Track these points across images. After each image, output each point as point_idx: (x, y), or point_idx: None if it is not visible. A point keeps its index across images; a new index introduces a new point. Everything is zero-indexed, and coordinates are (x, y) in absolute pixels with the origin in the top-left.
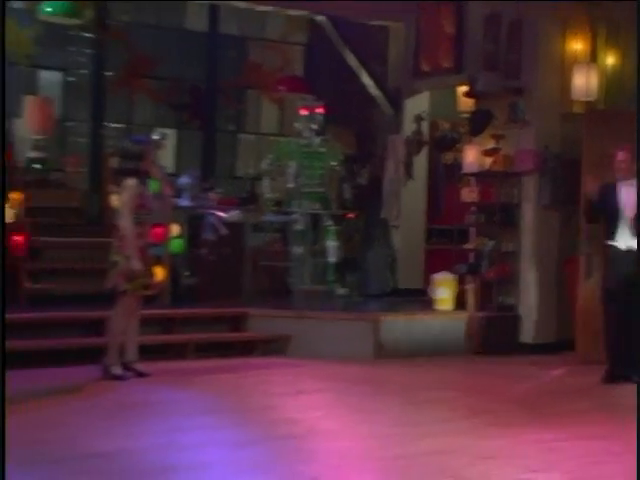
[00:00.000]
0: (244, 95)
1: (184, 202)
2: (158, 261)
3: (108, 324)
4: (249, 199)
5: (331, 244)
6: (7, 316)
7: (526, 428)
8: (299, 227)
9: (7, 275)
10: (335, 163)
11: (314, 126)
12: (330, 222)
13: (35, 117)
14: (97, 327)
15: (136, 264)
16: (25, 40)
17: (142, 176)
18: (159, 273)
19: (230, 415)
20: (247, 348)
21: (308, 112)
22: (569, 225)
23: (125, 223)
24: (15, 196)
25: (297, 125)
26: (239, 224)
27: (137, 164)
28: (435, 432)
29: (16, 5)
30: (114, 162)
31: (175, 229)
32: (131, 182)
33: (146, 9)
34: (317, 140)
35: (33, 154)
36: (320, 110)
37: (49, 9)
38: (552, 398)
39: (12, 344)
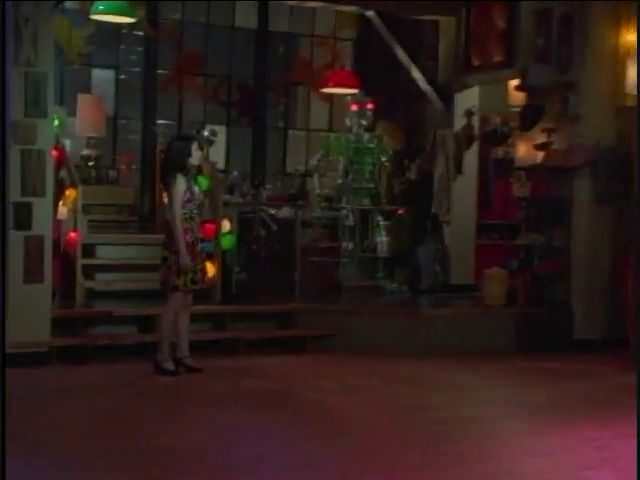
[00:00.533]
0: (293, 91)
1: (234, 198)
2: (208, 257)
3: (159, 320)
4: (299, 195)
5: (381, 240)
6: (63, 311)
7: (582, 425)
8: (349, 223)
9: (63, 272)
10: (385, 158)
11: (364, 122)
12: (380, 218)
13: (88, 115)
14: (149, 323)
15: (185, 259)
16: (78, 39)
17: (190, 172)
18: (209, 269)
19: (283, 411)
20: (298, 344)
21: (358, 108)
22: (622, 221)
23: (173, 219)
24: (69, 193)
25: (347, 121)
26: (289, 220)
27: (184, 160)
28: (494, 428)
29: (69, 5)
30: (163, 159)
31: (226, 225)
32: (179, 178)
33: (196, 7)
34: (367, 136)
35: (86, 152)
36: (370, 105)
37: (102, 8)
38: (606, 395)
39: (66, 340)
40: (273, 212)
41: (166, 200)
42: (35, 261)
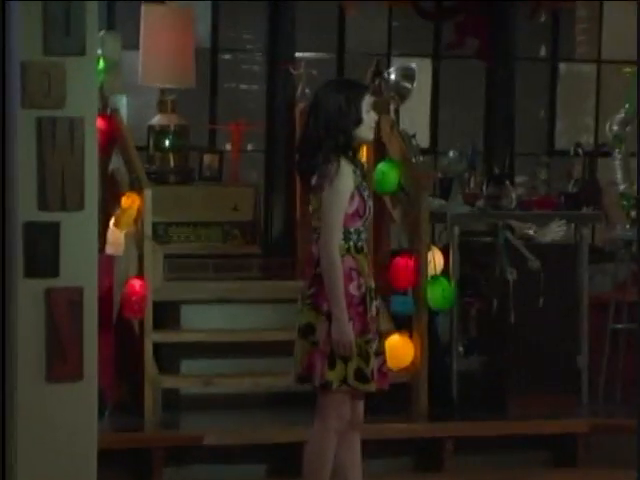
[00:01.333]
0: None
1: (452, 206)
2: (398, 327)
3: (306, 449)
4: (584, 197)
5: None
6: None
7: None
8: None
9: (119, 358)
10: None
11: None
12: None
13: (163, 47)
14: (283, 457)
15: (347, 331)
16: None
17: (359, 157)
18: (402, 350)
19: None
20: None
21: None
22: None
23: (327, 249)
24: (128, 203)
25: None
26: (565, 248)
27: (350, 132)
28: None
29: None
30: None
31: (436, 259)
32: (344, 167)
33: None
34: None
35: (159, 120)
36: None
37: None
38: None
39: None
40: (532, 231)
41: (313, 212)
42: (66, 338)
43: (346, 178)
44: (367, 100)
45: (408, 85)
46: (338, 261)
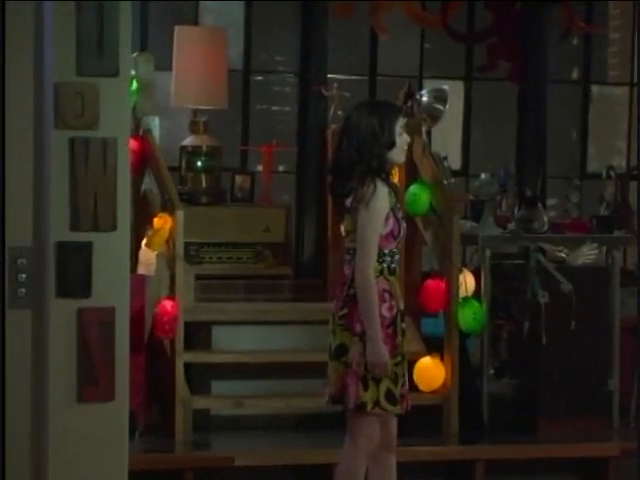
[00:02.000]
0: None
1: (484, 228)
2: (431, 347)
3: (336, 470)
4: (614, 220)
5: None
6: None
7: None
8: None
9: (150, 378)
10: None
11: None
12: None
13: (196, 69)
14: (315, 476)
15: (382, 353)
16: None
17: (393, 178)
18: (433, 372)
19: None
20: None
21: None
22: None
23: (363, 271)
24: (160, 223)
25: None
26: (598, 270)
27: (383, 154)
28: None
29: None
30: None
31: (467, 282)
32: (380, 189)
33: None
34: None
35: (192, 142)
36: None
37: None
38: None
39: None
40: (564, 254)
41: (346, 233)
42: (98, 358)
43: (382, 200)
44: (400, 122)
45: (440, 107)
46: (373, 283)
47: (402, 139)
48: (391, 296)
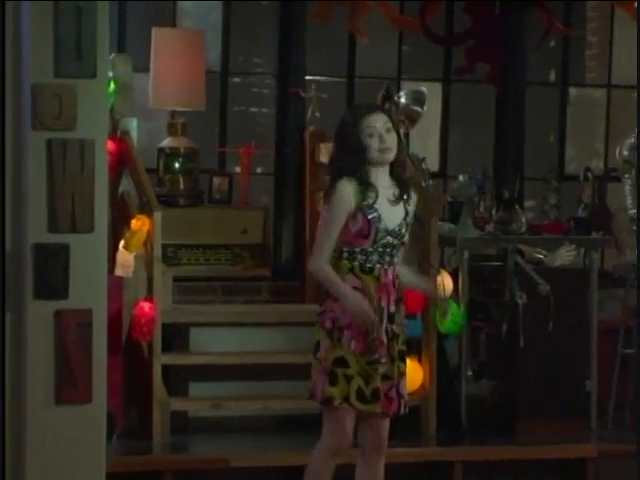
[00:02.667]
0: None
1: (463, 230)
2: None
3: (306, 468)
4: (592, 222)
5: None
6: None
7: None
8: None
9: (128, 380)
10: None
11: None
12: None
13: (173, 70)
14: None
15: (356, 302)
16: None
17: (368, 176)
18: (411, 374)
19: None
20: None
21: None
22: None
23: (314, 260)
24: (138, 225)
25: None
26: (575, 273)
27: (355, 153)
28: None
29: None
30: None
31: (446, 283)
32: (343, 186)
33: None
34: None
35: (169, 143)
36: None
37: None
38: None
39: None
40: (542, 255)
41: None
42: (75, 360)
43: (341, 198)
44: (371, 123)
45: (418, 109)
46: (324, 268)
47: (375, 140)
48: (363, 294)
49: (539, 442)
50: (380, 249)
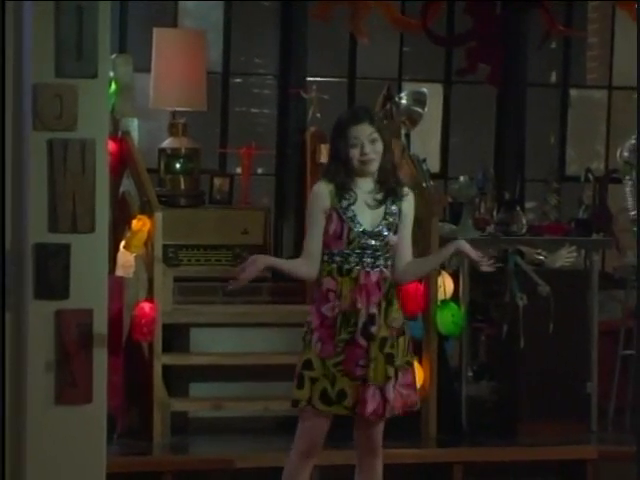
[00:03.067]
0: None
1: (463, 231)
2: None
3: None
4: (593, 222)
5: None
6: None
7: None
8: None
9: (129, 381)
10: None
11: None
12: None
13: (175, 71)
14: None
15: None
16: None
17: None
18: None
19: None
20: None
21: None
22: None
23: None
24: (139, 226)
25: None
26: (575, 274)
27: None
28: None
29: None
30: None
31: (446, 284)
32: (320, 188)
33: None
34: None
35: (170, 144)
36: None
37: None
38: None
39: None
40: (542, 257)
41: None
42: (76, 360)
43: (316, 197)
44: (355, 134)
45: (419, 109)
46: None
47: (355, 150)
48: (337, 297)
49: (539, 443)
50: (358, 250)
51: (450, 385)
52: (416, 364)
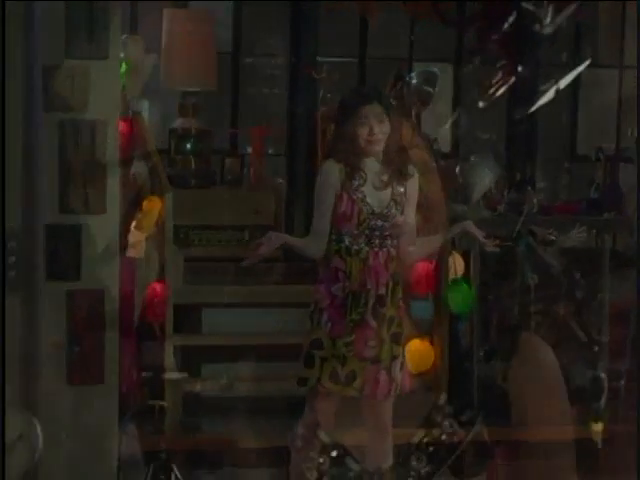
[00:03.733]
0: None
1: (474, 210)
2: (421, 330)
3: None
4: (604, 202)
5: None
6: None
7: None
8: None
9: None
10: None
11: None
12: None
13: (184, 51)
14: None
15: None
16: None
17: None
18: (423, 354)
19: None
20: None
21: None
22: None
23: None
24: (150, 206)
25: None
26: (587, 253)
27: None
28: None
29: None
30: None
31: (457, 264)
32: (328, 167)
33: None
34: None
35: (181, 124)
36: None
37: None
38: None
39: None
40: (554, 237)
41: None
42: (87, 341)
43: (326, 176)
44: (364, 113)
45: (430, 89)
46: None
47: (363, 129)
48: (346, 276)
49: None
50: (367, 231)
51: (461, 365)
52: (427, 343)
